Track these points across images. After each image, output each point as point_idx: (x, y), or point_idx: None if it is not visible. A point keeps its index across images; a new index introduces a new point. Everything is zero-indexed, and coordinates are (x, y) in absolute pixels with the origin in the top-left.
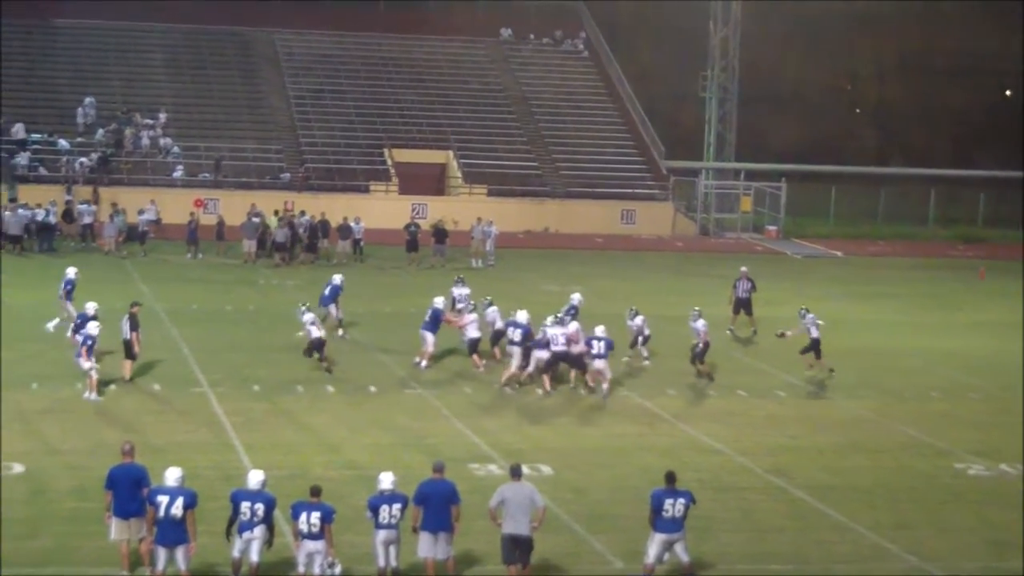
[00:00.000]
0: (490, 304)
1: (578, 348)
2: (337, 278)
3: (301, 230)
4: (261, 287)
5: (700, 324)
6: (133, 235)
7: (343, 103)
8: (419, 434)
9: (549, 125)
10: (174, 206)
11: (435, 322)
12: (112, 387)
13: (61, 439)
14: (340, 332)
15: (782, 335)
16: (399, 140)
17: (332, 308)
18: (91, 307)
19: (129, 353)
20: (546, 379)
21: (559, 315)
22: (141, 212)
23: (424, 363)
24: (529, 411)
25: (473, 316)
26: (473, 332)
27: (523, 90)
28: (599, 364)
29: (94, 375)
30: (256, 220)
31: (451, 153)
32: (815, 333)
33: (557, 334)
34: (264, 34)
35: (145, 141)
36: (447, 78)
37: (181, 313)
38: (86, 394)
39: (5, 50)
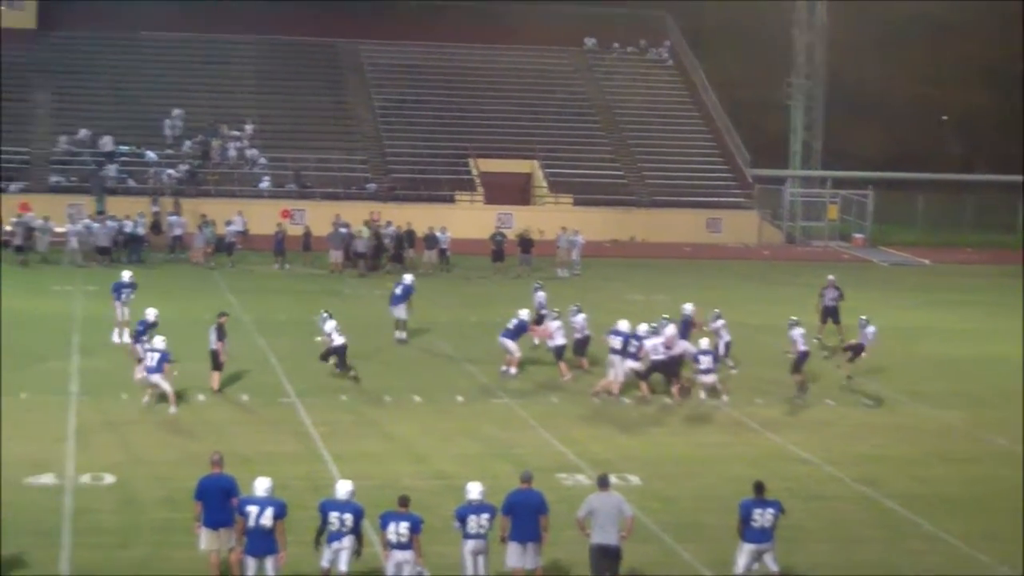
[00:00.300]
0: (578, 311)
1: (677, 351)
2: (408, 278)
3: (387, 240)
4: (347, 297)
5: (797, 333)
6: (221, 246)
7: (428, 113)
8: (506, 444)
9: (634, 134)
10: (261, 217)
11: (518, 331)
12: (200, 397)
13: (151, 449)
14: (401, 335)
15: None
16: (484, 150)
17: (402, 309)
18: (151, 313)
19: (216, 364)
20: (644, 386)
21: (654, 324)
22: (228, 223)
23: (513, 370)
24: (616, 420)
25: (558, 323)
26: (559, 339)
27: (608, 99)
28: (709, 379)
29: (167, 388)
30: (343, 231)
31: (536, 163)
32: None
33: (657, 344)
34: (349, 44)
35: (232, 152)
36: (532, 87)
37: (268, 323)
38: (172, 408)
39: (94, 63)
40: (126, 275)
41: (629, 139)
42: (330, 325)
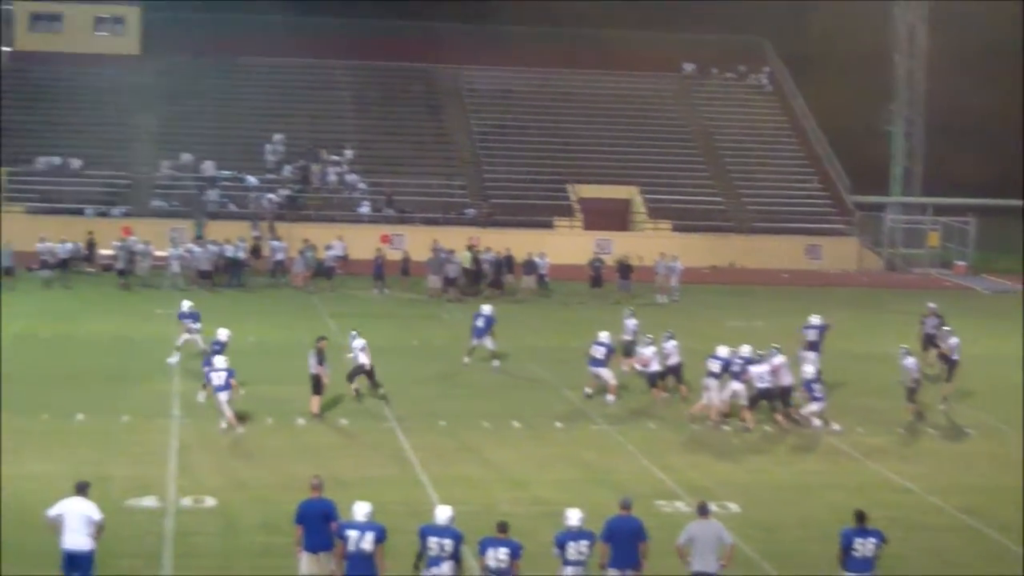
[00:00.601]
0: (670, 337)
1: (785, 381)
2: (487, 308)
3: (486, 266)
4: (446, 322)
5: (910, 362)
6: (321, 271)
7: (527, 138)
8: (605, 470)
9: (733, 160)
10: (360, 242)
11: (608, 356)
12: (300, 421)
13: (251, 473)
14: (494, 362)
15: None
16: (583, 175)
17: (487, 340)
18: (223, 333)
19: (317, 388)
20: (748, 414)
21: (760, 352)
22: (328, 248)
23: (611, 397)
24: (715, 447)
25: (652, 349)
26: (654, 365)
27: (707, 125)
28: (818, 408)
29: (226, 409)
30: (442, 256)
31: (635, 188)
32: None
33: (763, 371)
34: (449, 70)
35: (332, 177)
36: (631, 113)
37: (368, 348)
38: (222, 425)
39: (196, 88)
40: (186, 304)
41: (728, 165)
42: (358, 343)
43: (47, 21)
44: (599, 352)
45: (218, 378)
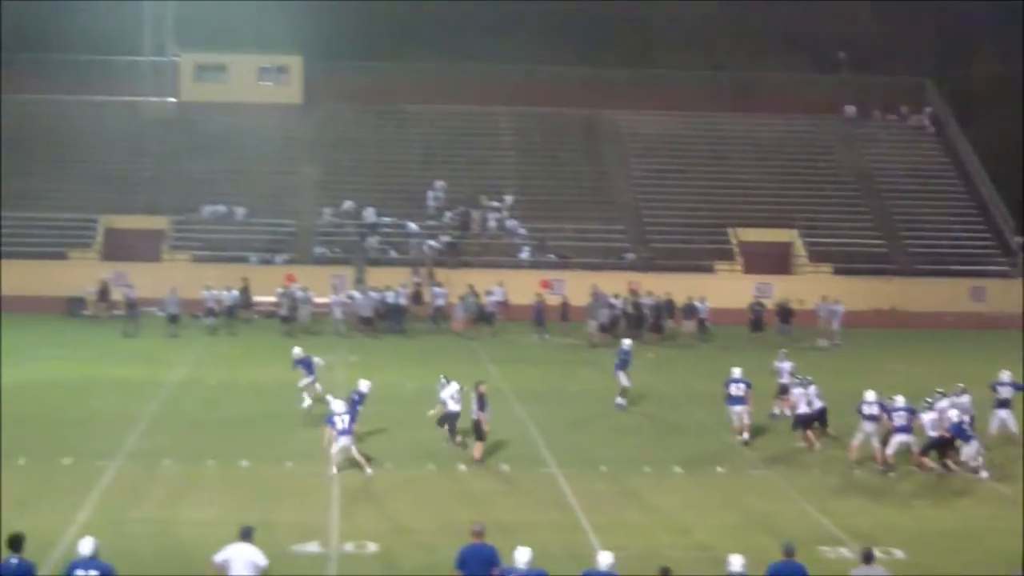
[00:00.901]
0: (810, 383)
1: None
2: (627, 343)
3: (646, 310)
4: (606, 368)
5: None
6: (482, 316)
7: (687, 182)
8: (767, 515)
9: (895, 202)
10: (520, 287)
11: (747, 393)
12: (462, 467)
13: (413, 519)
14: (619, 400)
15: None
16: (744, 219)
17: (623, 376)
18: (364, 385)
19: (479, 434)
20: (925, 460)
21: (928, 399)
22: (489, 294)
23: (745, 436)
24: (878, 492)
25: (801, 391)
26: (802, 407)
27: (868, 167)
28: (974, 450)
29: (356, 453)
30: (602, 301)
31: (796, 232)
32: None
33: (933, 418)
34: (608, 114)
35: (492, 223)
36: (792, 156)
37: (528, 393)
38: (332, 470)
39: (358, 136)
40: (297, 351)
41: (890, 207)
42: (448, 391)
43: (212, 72)
44: (740, 390)
45: (341, 422)
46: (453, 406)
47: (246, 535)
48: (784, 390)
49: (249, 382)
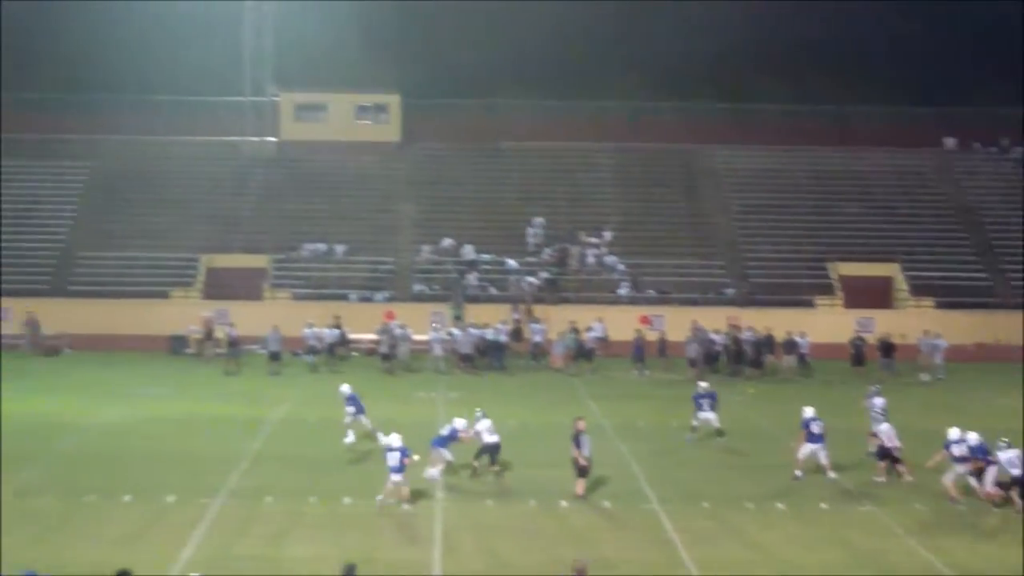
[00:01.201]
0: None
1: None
2: (704, 385)
3: (746, 346)
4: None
5: None
6: (581, 352)
7: (786, 217)
8: (873, 552)
9: (997, 234)
10: (619, 323)
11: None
12: (563, 503)
13: (515, 555)
14: (721, 440)
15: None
16: (844, 253)
17: (710, 415)
18: (460, 423)
19: (581, 470)
20: (995, 492)
21: (1005, 439)
22: (589, 330)
23: (832, 475)
24: (983, 527)
25: (887, 425)
26: (889, 443)
27: (969, 200)
28: None
29: (403, 488)
30: (702, 336)
31: (897, 265)
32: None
33: (1012, 456)
34: (705, 150)
35: (590, 259)
36: (891, 189)
37: (629, 429)
38: (380, 498)
39: (456, 173)
40: (345, 388)
41: (991, 239)
42: (483, 424)
43: (311, 111)
44: (819, 428)
45: (392, 459)
46: (488, 438)
47: (349, 572)
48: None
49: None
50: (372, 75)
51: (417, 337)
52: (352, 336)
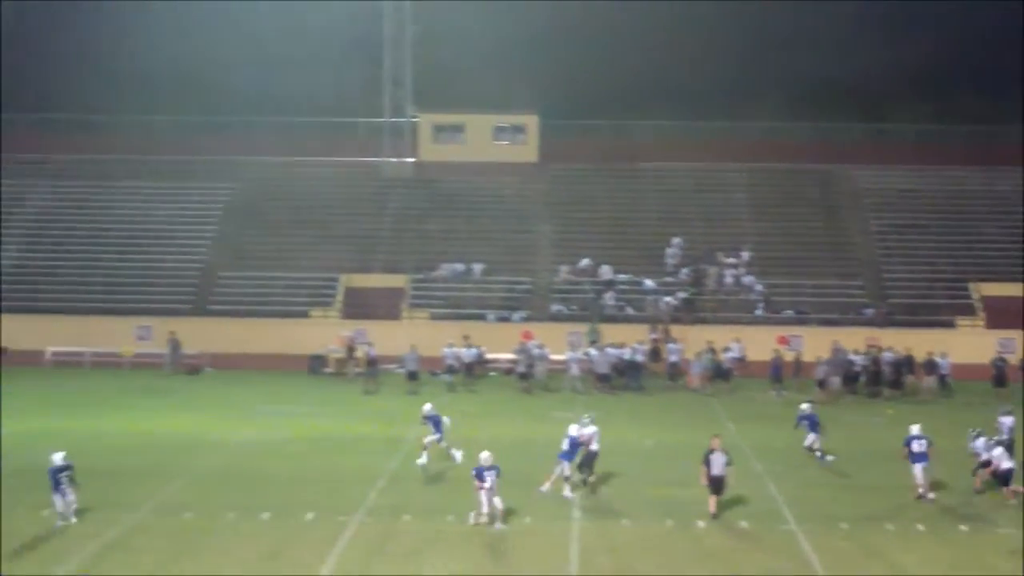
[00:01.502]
0: (979, 435)
1: None
2: (806, 406)
3: (885, 366)
4: (846, 424)
5: None
6: (719, 373)
7: (927, 237)
8: (1015, 574)
9: None
10: (757, 343)
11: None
12: (700, 524)
13: (652, 573)
14: (827, 458)
15: None
16: (985, 273)
17: (813, 437)
18: (575, 429)
19: (716, 488)
20: None
21: None
22: (726, 350)
23: (928, 495)
24: None
25: (1001, 449)
26: (1000, 463)
27: None
28: None
29: (499, 504)
30: (842, 357)
31: None
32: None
33: None
34: (844, 170)
35: (728, 279)
36: None
37: (766, 450)
38: (498, 524)
39: (594, 194)
40: (428, 407)
41: None
42: (590, 431)
43: (450, 132)
44: (921, 446)
45: (488, 479)
46: (592, 445)
47: None
48: (1004, 445)
49: (488, 438)
50: (510, 96)
51: (554, 357)
52: (490, 356)
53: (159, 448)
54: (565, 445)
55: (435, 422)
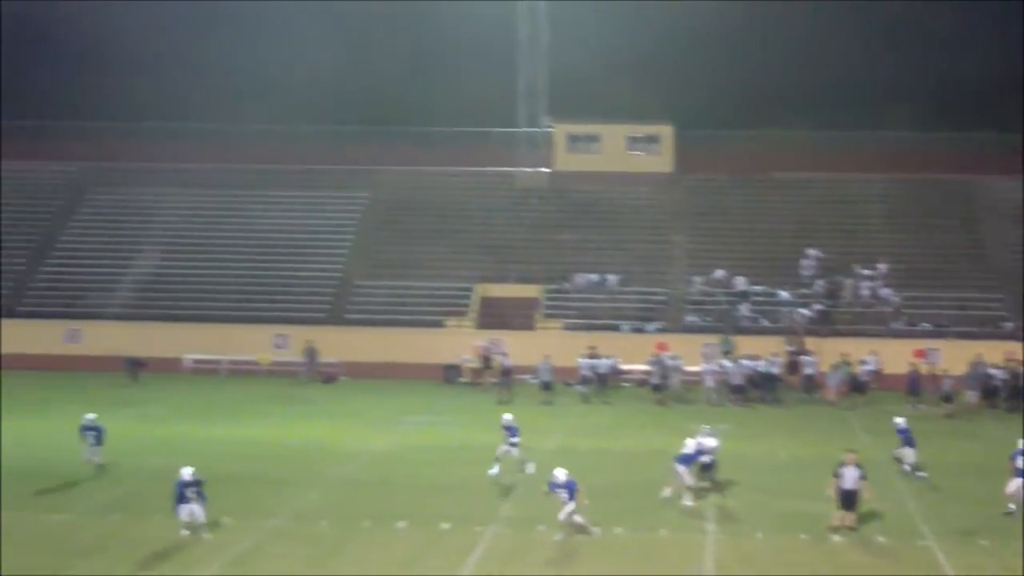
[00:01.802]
0: None
1: None
2: (901, 420)
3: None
4: (984, 438)
5: None
6: (855, 386)
7: None
8: None
9: None
10: (894, 356)
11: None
12: (835, 538)
13: None
14: (921, 474)
15: None
16: None
17: (907, 450)
18: (691, 443)
19: (848, 503)
20: None
21: None
22: (862, 363)
23: (1012, 507)
24: None
25: None
26: None
27: None
28: None
29: (579, 518)
30: (980, 370)
31: None
32: None
33: None
34: (985, 181)
35: (864, 292)
36: None
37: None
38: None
39: (729, 204)
40: (507, 417)
41: None
42: (710, 441)
43: (584, 142)
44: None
45: (564, 495)
46: (707, 459)
47: None
48: None
49: (622, 450)
50: (644, 106)
51: (689, 368)
52: (624, 367)
53: (295, 456)
54: (689, 450)
55: (512, 432)
